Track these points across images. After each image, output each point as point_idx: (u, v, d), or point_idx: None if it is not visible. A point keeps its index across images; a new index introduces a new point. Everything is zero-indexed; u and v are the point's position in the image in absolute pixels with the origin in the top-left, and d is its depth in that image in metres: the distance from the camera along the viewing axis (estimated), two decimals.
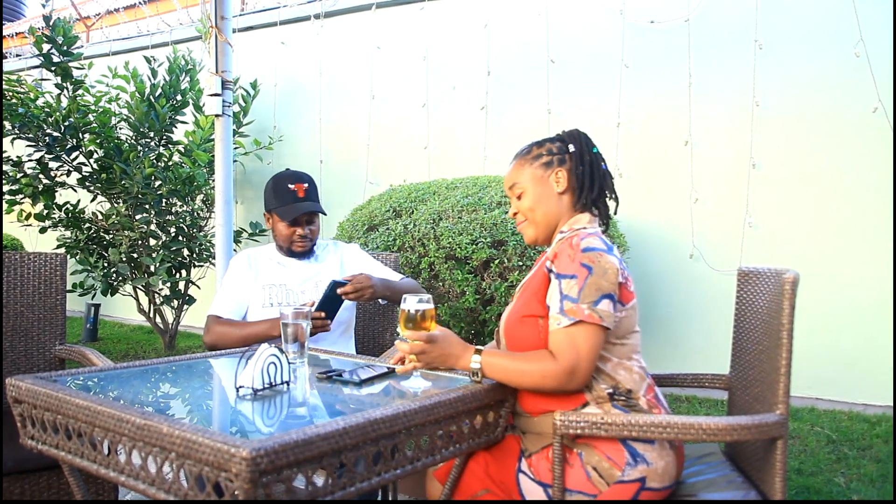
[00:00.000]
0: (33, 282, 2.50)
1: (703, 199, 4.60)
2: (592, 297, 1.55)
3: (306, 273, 2.55)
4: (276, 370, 1.58)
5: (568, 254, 1.61)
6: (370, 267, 2.62)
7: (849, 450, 3.26)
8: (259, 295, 2.49)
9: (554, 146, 1.81)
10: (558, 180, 1.78)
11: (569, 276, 1.58)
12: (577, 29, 5.06)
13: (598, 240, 1.64)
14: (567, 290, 1.57)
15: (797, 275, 1.58)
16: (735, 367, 1.97)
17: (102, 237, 5.64)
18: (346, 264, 2.63)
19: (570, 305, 1.56)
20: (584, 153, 1.79)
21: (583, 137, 1.82)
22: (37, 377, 1.55)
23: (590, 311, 1.54)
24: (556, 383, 1.54)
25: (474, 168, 5.27)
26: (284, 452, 1.10)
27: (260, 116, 6.36)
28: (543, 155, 1.80)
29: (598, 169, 1.79)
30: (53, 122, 5.20)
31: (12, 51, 9.24)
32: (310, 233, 2.53)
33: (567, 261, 1.60)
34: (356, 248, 2.72)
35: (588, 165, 1.78)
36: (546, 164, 1.79)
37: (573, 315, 1.55)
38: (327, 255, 2.65)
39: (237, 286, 2.51)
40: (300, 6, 6.34)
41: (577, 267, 1.58)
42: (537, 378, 1.56)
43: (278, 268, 2.55)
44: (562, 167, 1.78)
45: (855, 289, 4.14)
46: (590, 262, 1.58)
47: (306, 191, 2.52)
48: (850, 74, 4.15)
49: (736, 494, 1.63)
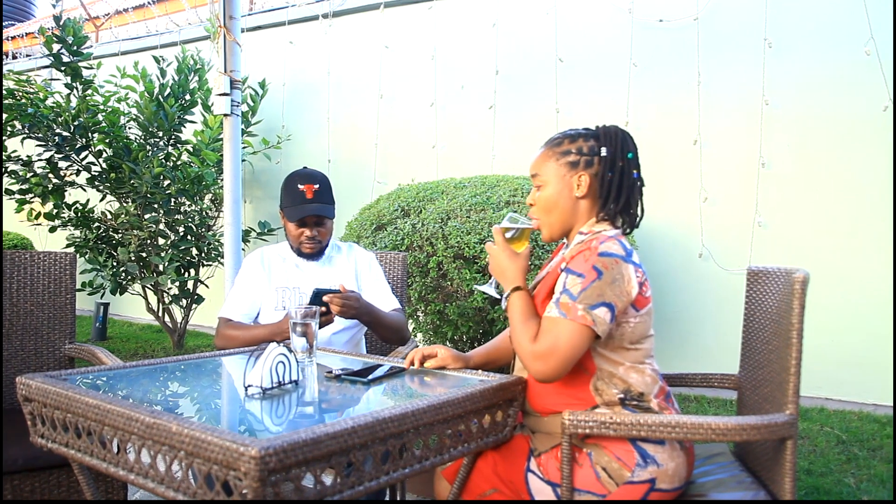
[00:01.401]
0: (43, 281, 2.51)
1: (712, 198, 4.58)
2: (591, 300, 1.53)
3: (318, 277, 2.51)
4: (284, 369, 1.58)
5: (584, 255, 1.58)
6: (376, 285, 2.54)
7: (859, 450, 3.25)
8: (272, 297, 2.47)
9: (586, 145, 1.71)
10: (580, 184, 1.70)
11: (576, 274, 1.56)
12: (585, 28, 5.05)
13: (618, 244, 1.59)
14: (569, 286, 1.56)
15: (807, 274, 1.57)
16: (744, 366, 1.97)
17: (111, 236, 5.66)
18: (361, 274, 2.56)
19: (566, 300, 1.54)
20: (616, 158, 1.69)
21: (620, 139, 1.71)
22: (47, 376, 1.55)
23: (583, 313, 1.52)
24: (525, 360, 1.57)
25: (482, 167, 5.27)
26: (293, 451, 1.10)
27: (268, 116, 6.37)
28: (571, 153, 1.71)
29: (628, 178, 1.70)
30: (63, 122, 5.23)
31: (22, 51, 9.29)
32: (318, 234, 2.46)
33: (581, 260, 1.58)
34: (372, 260, 2.62)
35: (619, 173, 1.69)
36: (572, 163, 1.71)
37: (564, 311, 1.53)
38: (340, 260, 2.58)
39: (250, 287, 2.50)
40: (308, 6, 6.35)
41: (587, 268, 1.56)
42: (518, 345, 1.60)
43: (292, 269, 2.52)
44: (587, 170, 1.70)
45: (865, 288, 4.11)
46: (602, 267, 1.55)
47: (315, 192, 2.43)
48: (861, 73, 4.12)
49: (745, 495, 1.62)
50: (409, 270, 3.73)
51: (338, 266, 2.55)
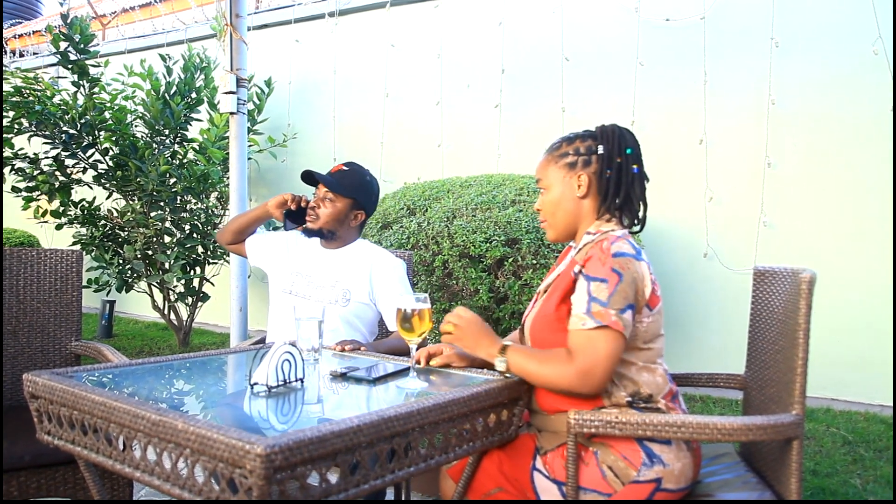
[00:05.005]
0: (49, 278, 2.52)
1: (717, 197, 4.57)
2: (620, 304, 1.53)
3: (330, 269, 2.45)
4: (290, 367, 1.58)
5: (599, 257, 1.59)
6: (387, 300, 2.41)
7: (865, 451, 3.24)
8: (284, 277, 2.49)
9: (583, 145, 1.74)
10: (580, 184, 1.72)
11: (599, 280, 1.56)
12: (591, 27, 5.04)
13: (627, 244, 1.61)
14: (596, 293, 1.55)
15: (814, 274, 1.57)
16: (750, 366, 1.96)
17: (118, 234, 5.68)
18: (375, 286, 2.43)
19: (599, 308, 1.53)
20: (613, 155, 1.71)
21: (617, 136, 1.73)
22: (53, 373, 1.56)
23: (616, 318, 1.52)
24: (569, 384, 1.53)
25: (488, 166, 5.26)
26: (299, 449, 1.10)
27: (274, 114, 6.37)
28: (569, 154, 1.75)
29: (626, 173, 1.71)
30: (70, 120, 5.24)
31: (29, 49, 9.32)
32: (317, 206, 2.44)
33: (598, 264, 1.58)
34: (392, 271, 2.45)
35: (616, 169, 1.71)
36: (570, 164, 1.74)
37: (600, 318, 1.52)
38: (359, 260, 2.47)
39: (272, 238, 2.63)
40: (314, 4, 6.35)
41: (607, 271, 1.56)
42: (553, 378, 1.56)
43: (309, 253, 2.52)
44: (585, 169, 1.72)
45: (871, 289, 4.10)
46: (621, 269, 1.55)
47: (338, 170, 2.48)
48: (868, 72, 4.11)
49: (751, 495, 1.62)
50: (415, 269, 3.73)
51: (352, 264, 2.46)
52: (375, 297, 2.44)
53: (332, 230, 2.48)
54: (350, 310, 2.40)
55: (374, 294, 2.43)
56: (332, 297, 2.41)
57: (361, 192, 2.50)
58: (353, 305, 2.40)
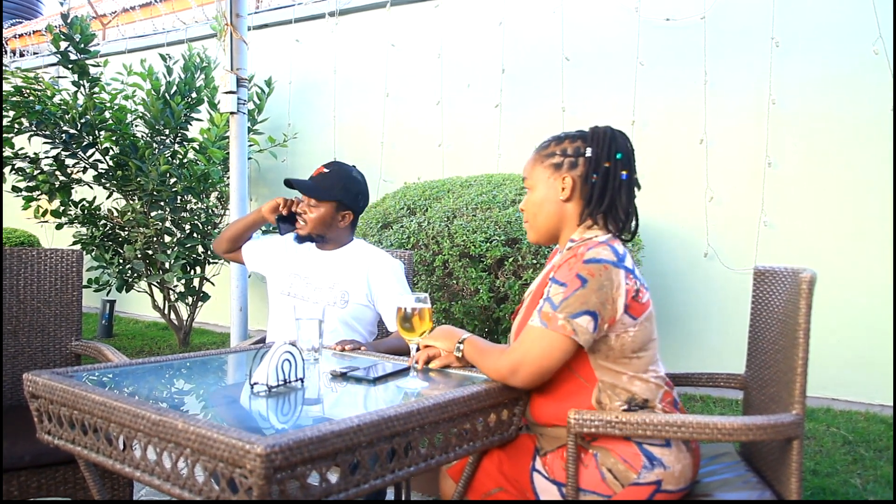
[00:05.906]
0: (49, 278, 2.52)
1: (718, 197, 4.57)
2: (573, 309, 1.51)
3: (327, 272, 2.45)
4: (290, 367, 1.58)
5: (570, 263, 1.56)
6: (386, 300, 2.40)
7: (865, 451, 3.24)
8: (283, 279, 2.49)
9: (571, 146, 1.69)
10: (564, 186, 1.67)
11: (559, 283, 1.55)
12: (592, 26, 5.04)
13: (608, 249, 1.56)
14: (552, 295, 1.55)
15: (814, 274, 1.57)
16: (750, 366, 1.96)
17: (118, 234, 5.68)
18: (373, 288, 2.43)
19: (548, 310, 1.53)
20: (601, 159, 1.64)
21: (608, 140, 1.65)
22: (53, 373, 1.56)
23: (564, 322, 1.51)
24: (500, 376, 1.58)
25: (488, 166, 5.26)
26: (299, 449, 1.11)
27: (274, 114, 6.37)
28: (556, 154, 1.70)
29: (613, 179, 1.64)
30: (70, 120, 5.24)
31: (30, 48, 9.32)
32: (303, 212, 2.44)
33: (566, 269, 1.56)
34: (388, 276, 2.43)
35: (603, 174, 1.64)
36: (556, 165, 1.69)
37: (545, 319, 1.53)
38: (356, 262, 2.46)
39: (270, 243, 2.63)
40: (315, 4, 6.35)
41: (571, 276, 1.53)
42: (489, 369, 1.62)
43: (306, 255, 2.51)
44: (571, 172, 1.67)
45: (872, 288, 4.10)
46: (587, 275, 1.52)
47: (320, 173, 2.46)
48: (868, 72, 4.10)
49: (751, 494, 1.62)
50: (415, 269, 3.73)
51: (349, 266, 2.46)
52: (374, 298, 2.43)
53: (321, 234, 2.47)
54: (349, 311, 2.40)
55: (373, 295, 2.43)
56: (330, 298, 2.41)
57: (344, 193, 2.46)
58: (352, 307, 2.40)
